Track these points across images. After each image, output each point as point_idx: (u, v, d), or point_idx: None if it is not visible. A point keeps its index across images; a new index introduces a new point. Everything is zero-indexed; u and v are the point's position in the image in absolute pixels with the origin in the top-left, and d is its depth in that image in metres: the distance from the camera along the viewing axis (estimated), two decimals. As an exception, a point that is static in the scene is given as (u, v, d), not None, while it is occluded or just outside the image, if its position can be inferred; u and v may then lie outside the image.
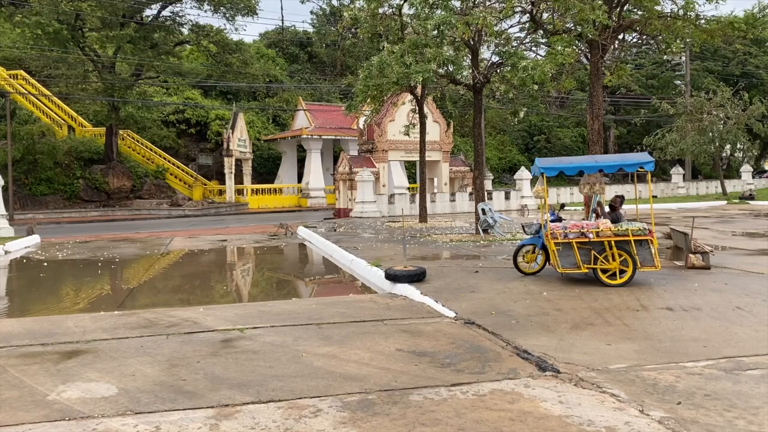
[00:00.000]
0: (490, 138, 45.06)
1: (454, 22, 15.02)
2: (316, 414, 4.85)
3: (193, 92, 43.13)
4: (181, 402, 5.15)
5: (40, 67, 36.92)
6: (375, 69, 17.01)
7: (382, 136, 31.21)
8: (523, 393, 5.30)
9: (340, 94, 47.32)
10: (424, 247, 15.77)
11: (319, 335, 7.41)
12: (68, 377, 5.83)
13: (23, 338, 7.37)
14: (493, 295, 9.44)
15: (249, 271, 16.29)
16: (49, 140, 33.96)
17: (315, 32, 55.69)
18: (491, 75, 17.56)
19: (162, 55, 36.23)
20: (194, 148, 42.86)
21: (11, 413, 4.93)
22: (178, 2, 36.33)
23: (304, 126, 40.00)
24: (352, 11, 20.67)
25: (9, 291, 13.67)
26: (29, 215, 29.57)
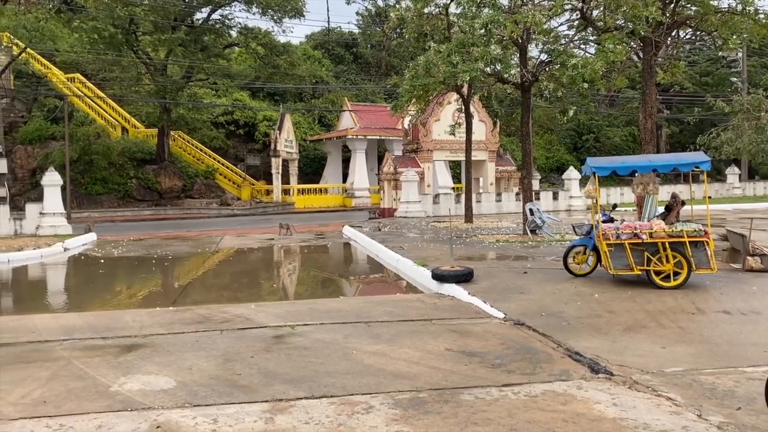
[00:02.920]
0: (538, 137, 44.46)
1: (502, 21, 14.89)
2: (368, 411, 4.91)
3: (242, 94, 43.87)
4: (236, 396, 5.27)
5: (95, 70, 38.18)
6: (421, 69, 17.01)
7: (427, 136, 31.17)
8: (575, 395, 5.24)
9: (385, 95, 47.44)
10: (470, 248, 15.70)
11: (369, 333, 7.47)
12: (128, 370, 6.04)
13: (85, 332, 7.67)
14: (542, 296, 9.35)
15: (296, 269, 16.53)
16: (104, 141, 35.08)
17: (360, 33, 55.96)
18: (540, 73, 17.34)
19: (211, 58, 36.98)
20: (242, 149, 43.60)
21: (77, 403, 5.14)
22: (228, 5, 37.02)
23: (349, 126, 40.25)
24: (399, 11, 20.73)
25: (69, 286, 14.22)
26: (85, 214, 30.62)
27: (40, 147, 33.63)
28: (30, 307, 11.43)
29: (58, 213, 23.66)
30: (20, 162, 32.93)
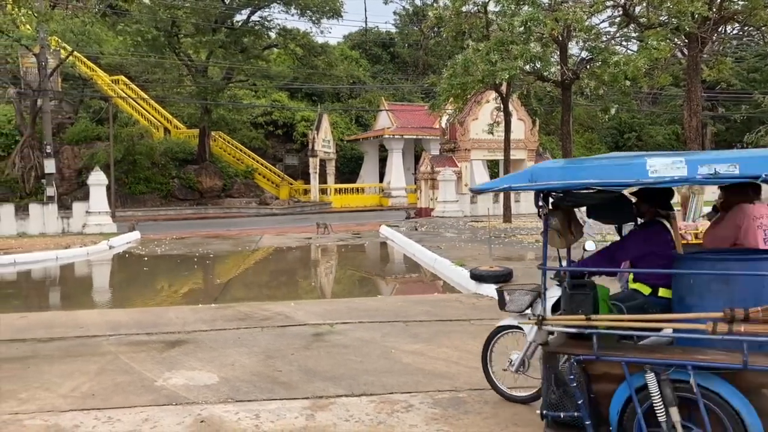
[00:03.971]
0: (578, 136, 43.80)
1: (542, 18, 14.75)
2: (407, 409, 4.92)
3: (280, 94, 44.33)
4: (278, 392, 5.35)
5: (139, 72, 39.04)
6: (459, 67, 16.96)
7: (464, 135, 31.01)
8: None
9: (422, 94, 47.35)
10: (509, 248, 15.56)
11: (407, 332, 7.48)
12: (173, 365, 6.18)
13: (131, 327, 7.86)
14: (583, 297, 9.21)
15: (334, 268, 16.64)
16: (146, 142, 35.86)
17: (398, 32, 55.98)
18: (580, 71, 17.10)
19: (251, 59, 37.45)
20: (281, 149, 44.05)
21: (124, 396, 5.28)
22: (267, 7, 37.44)
23: (386, 126, 40.31)
24: (437, 10, 20.71)
25: (114, 283, 14.60)
26: (129, 212, 31.37)
27: (86, 147, 34.56)
28: (78, 303, 11.78)
29: (104, 212, 24.30)
30: (67, 162, 33.90)
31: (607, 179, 3.63)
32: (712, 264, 3.82)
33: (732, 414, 3.43)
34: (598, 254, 4.53)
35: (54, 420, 4.76)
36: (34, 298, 12.71)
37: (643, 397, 3.60)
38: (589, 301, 3.92)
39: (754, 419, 3.38)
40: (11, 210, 23.57)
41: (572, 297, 3.97)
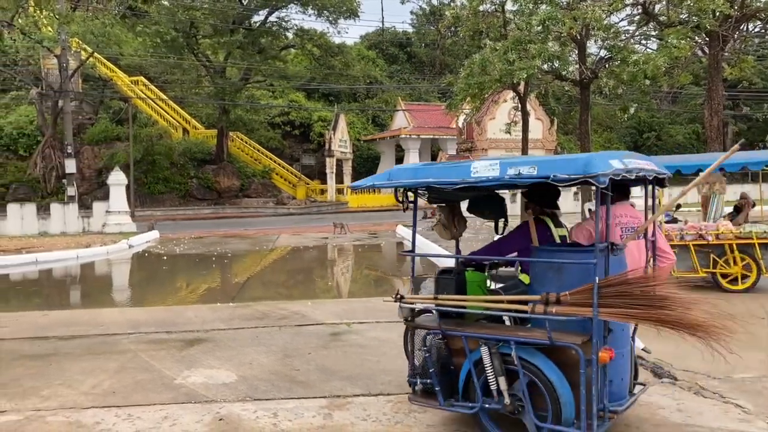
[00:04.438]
0: (596, 135, 43.43)
1: (561, 17, 14.66)
2: (425, 410, 4.91)
3: (297, 95, 44.50)
4: (295, 391, 5.37)
5: (158, 73, 39.42)
6: (477, 67, 16.90)
7: (481, 135, 30.92)
8: (638, 399, 5.10)
9: (439, 94, 47.27)
10: (526, 248, 15.48)
11: (424, 333, 7.46)
12: (192, 363, 6.23)
13: (150, 326, 7.94)
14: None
15: (350, 268, 16.67)
16: (165, 142, 36.20)
17: (414, 32, 55.94)
18: (599, 70, 16.96)
19: (268, 60, 37.64)
20: (298, 149, 44.22)
21: (144, 394, 5.34)
22: (284, 8, 37.60)
23: (402, 126, 40.30)
24: (454, 10, 20.67)
25: (134, 282, 14.75)
26: (148, 212, 31.66)
27: (106, 147, 34.95)
28: (98, 301, 11.93)
29: (123, 211, 24.57)
30: (87, 162, 34.30)
31: (442, 179, 4.24)
32: (550, 255, 4.27)
33: (547, 383, 3.90)
34: (489, 246, 5.05)
35: (75, 417, 4.83)
36: (56, 297, 12.89)
37: (480, 370, 4.13)
38: (452, 285, 4.46)
39: (565, 389, 3.88)
40: (33, 209, 23.92)
41: (438, 281, 4.58)
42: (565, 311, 3.87)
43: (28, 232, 22.95)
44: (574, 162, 3.89)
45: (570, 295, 3.91)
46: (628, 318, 3.90)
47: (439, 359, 4.42)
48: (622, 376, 4.27)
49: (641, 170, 4.16)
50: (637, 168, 4.11)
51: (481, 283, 4.67)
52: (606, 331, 3.98)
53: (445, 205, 5.04)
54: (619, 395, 4.21)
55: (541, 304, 3.95)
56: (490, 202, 5.14)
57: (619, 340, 4.17)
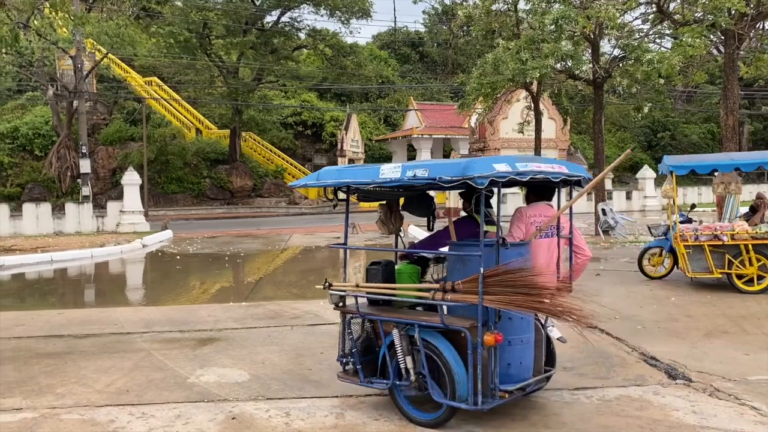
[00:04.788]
0: (610, 135, 43.15)
1: (574, 16, 14.55)
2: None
3: (310, 95, 44.60)
4: (308, 390, 5.38)
5: (171, 74, 39.70)
6: (489, 66, 16.83)
7: (494, 135, 30.80)
8: (652, 400, 5.07)
9: (451, 93, 47.18)
10: (539, 248, 15.42)
11: (436, 333, 7.45)
12: (205, 362, 6.26)
13: (164, 325, 8.00)
14: (616, 299, 9.07)
15: (361, 268, 16.66)
16: (179, 142, 36.43)
17: (427, 32, 55.88)
18: (613, 69, 16.85)
19: (281, 60, 37.76)
20: (310, 149, 44.32)
21: (158, 393, 5.37)
22: (297, 8, 37.70)
23: (414, 126, 40.27)
24: (466, 9, 20.58)
25: (147, 281, 14.85)
26: (162, 212, 31.87)
27: (120, 148, 35.24)
28: (112, 300, 12.02)
29: (137, 211, 24.73)
30: (102, 162, 34.60)
31: (358, 179, 4.80)
32: (459, 248, 4.68)
33: (445, 363, 4.40)
34: (428, 239, 5.54)
35: (90, 415, 4.87)
36: (71, 295, 13.00)
37: (392, 351, 4.65)
38: (379, 275, 4.98)
39: (459, 368, 4.36)
40: (48, 209, 24.13)
41: (367, 271, 5.13)
42: (457, 298, 4.37)
43: (44, 231, 23.17)
44: (456, 166, 4.36)
45: (462, 284, 4.38)
46: (509, 305, 4.26)
47: (362, 341, 4.94)
48: (521, 360, 4.63)
49: (540, 173, 4.56)
50: (534, 171, 4.50)
51: (412, 274, 5.00)
52: (497, 317, 4.40)
53: (384, 204, 5.54)
54: (518, 377, 4.58)
55: (440, 291, 4.45)
56: (420, 202, 5.60)
57: (519, 327, 4.56)
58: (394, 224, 5.55)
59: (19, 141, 33.35)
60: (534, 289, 4.26)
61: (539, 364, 4.85)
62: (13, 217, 23.34)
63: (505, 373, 4.52)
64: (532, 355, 4.74)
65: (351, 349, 4.93)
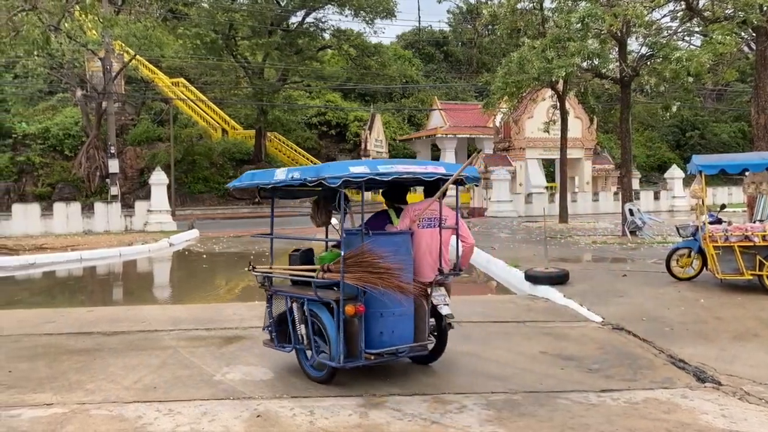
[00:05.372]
0: (637, 134, 42.55)
1: (600, 14, 14.38)
2: (461, 410, 4.89)
3: (334, 95, 44.75)
4: (332, 389, 5.40)
5: (198, 75, 40.12)
6: (514, 65, 16.73)
7: (519, 134, 30.59)
8: (680, 404, 5.00)
9: (476, 92, 46.96)
10: (565, 249, 15.28)
11: (459, 333, 7.40)
12: (230, 360, 6.32)
13: (190, 323, 8.09)
14: (643, 300, 8.95)
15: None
16: (205, 142, 36.84)
17: (451, 31, 55.71)
18: (640, 67, 16.61)
19: (306, 60, 37.95)
20: (334, 149, 44.46)
21: (184, 390, 5.44)
22: (321, 8, 37.86)
23: (438, 125, 40.16)
24: (491, 8, 20.50)
25: (174, 280, 15.05)
26: (188, 211, 32.24)
27: (148, 148, 35.74)
28: (140, 298, 12.21)
29: (164, 210, 25.06)
30: (130, 162, 35.12)
31: (263, 180, 6.01)
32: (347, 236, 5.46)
33: (324, 329, 5.37)
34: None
35: (118, 411, 4.95)
36: (100, 293, 13.24)
37: (293, 320, 5.74)
38: (297, 260, 6.04)
39: (333, 333, 5.27)
40: (78, 208, 24.58)
41: (290, 257, 6.22)
42: (328, 277, 5.35)
43: (73, 230, 23.61)
44: (315, 169, 5.42)
45: (334, 265, 5.31)
46: (360, 282, 5.15)
47: (278, 313, 6.06)
48: (393, 330, 5.46)
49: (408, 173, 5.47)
50: (400, 172, 5.38)
51: (331, 260, 5.56)
52: (363, 292, 5.20)
53: (313, 201, 6.42)
54: (390, 344, 5.43)
55: (321, 272, 5.44)
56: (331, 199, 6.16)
57: (391, 302, 5.31)
58: (320, 218, 6.27)
59: (49, 141, 34.01)
60: (380, 269, 5.17)
61: (420, 335, 5.66)
62: (44, 216, 23.82)
63: (379, 340, 5.39)
64: (407, 327, 5.55)
65: (270, 320, 6.14)
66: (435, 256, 5.81)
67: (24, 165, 33.13)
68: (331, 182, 5.16)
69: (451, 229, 6.03)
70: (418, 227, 5.82)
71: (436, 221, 5.86)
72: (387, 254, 5.30)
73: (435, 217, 5.87)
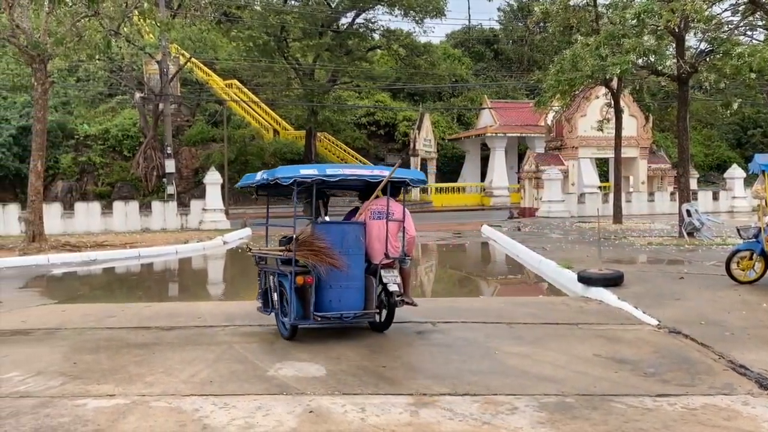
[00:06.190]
0: (695, 132, 41.20)
1: (657, 10, 14.01)
2: (512, 411, 4.86)
3: (383, 95, 44.89)
4: (382, 387, 5.44)
5: (250, 77, 40.90)
6: (567, 63, 16.46)
7: (571, 132, 30.03)
8: (740, 411, 4.84)
9: (527, 91, 46.36)
10: (619, 250, 14.94)
11: (511, 334, 7.37)
12: (283, 356, 6.44)
13: (243, 319, 8.28)
14: (701, 303, 8.68)
15: (434, 267, 16.67)
16: (257, 143, 37.57)
17: (501, 29, 55.13)
18: (699, 64, 16.09)
19: (355, 61, 38.21)
20: (383, 149, 44.61)
21: (239, 384, 5.57)
22: (371, 9, 38.05)
23: (488, 124, 39.83)
24: (543, 5, 20.20)
25: (228, 277, 15.40)
26: (241, 210, 32.92)
27: (202, 148, 36.67)
28: (196, 294, 12.55)
29: (218, 209, 25.66)
30: (185, 162, 36.10)
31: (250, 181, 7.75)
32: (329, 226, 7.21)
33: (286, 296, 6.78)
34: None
35: (176, 403, 5.11)
36: (157, 289, 13.66)
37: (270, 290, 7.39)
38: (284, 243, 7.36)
39: (291, 298, 6.68)
40: (136, 207, 25.40)
41: (279, 241, 7.73)
42: (287, 255, 6.77)
43: (132, 228, 24.41)
44: (272, 171, 7.00)
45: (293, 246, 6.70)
46: (303, 258, 6.62)
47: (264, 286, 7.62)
48: (340, 299, 6.83)
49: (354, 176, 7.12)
50: (346, 175, 6.98)
51: None
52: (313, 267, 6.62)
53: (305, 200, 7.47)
54: (337, 310, 6.81)
55: (285, 251, 6.92)
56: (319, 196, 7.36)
57: (340, 277, 6.75)
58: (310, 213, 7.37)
59: (109, 142, 35.27)
60: (317, 248, 6.64)
61: (369, 305, 6.95)
62: (104, 214, 24.71)
63: (328, 306, 6.78)
64: (352, 297, 6.88)
65: (260, 291, 7.74)
66: (383, 242, 7.09)
67: (85, 165, 34.47)
68: (283, 181, 6.69)
69: (398, 221, 7.22)
70: (370, 219, 7.17)
71: (383, 214, 7.16)
72: (330, 239, 6.75)
73: (383, 211, 7.16)
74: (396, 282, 6.95)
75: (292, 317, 6.68)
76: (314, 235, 6.74)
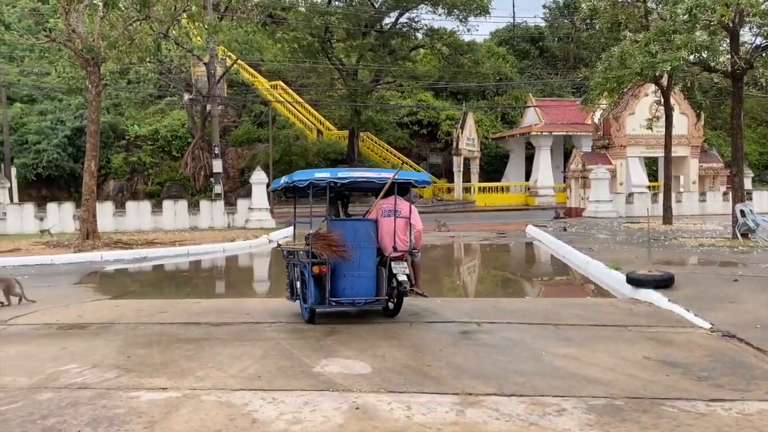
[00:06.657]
0: (750, 131, 39.85)
1: (710, 5, 13.60)
2: (560, 413, 4.80)
3: (426, 94, 44.82)
4: (428, 386, 5.45)
5: (294, 78, 41.43)
6: (615, 60, 16.13)
7: (620, 131, 29.41)
8: (800, 418, 4.67)
9: (573, 89, 45.62)
10: (669, 251, 14.57)
11: (557, 336, 7.28)
12: (329, 353, 6.51)
13: (289, 316, 8.40)
14: (757, 306, 8.40)
15: (477, 267, 16.57)
16: (301, 143, 38.01)
17: (547, 26, 54.39)
18: (754, 60, 15.56)
19: (398, 61, 38.27)
20: (425, 148, 44.55)
21: (286, 380, 5.66)
22: (414, 8, 38.04)
23: (533, 123, 39.35)
24: (591, 2, 19.84)
25: (273, 275, 15.63)
26: (285, 209, 33.29)
27: (248, 149, 37.31)
28: (242, 291, 12.79)
29: (264, 208, 26.07)
30: (232, 162, 36.79)
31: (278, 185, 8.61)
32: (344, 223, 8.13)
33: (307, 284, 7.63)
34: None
35: (226, 397, 5.22)
36: (205, 286, 13.97)
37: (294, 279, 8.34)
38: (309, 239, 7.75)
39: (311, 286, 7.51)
40: (184, 206, 26.02)
41: (305, 237, 8.00)
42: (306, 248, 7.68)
43: (180, 226, 25.01)
44: (291, 175, 7.90)
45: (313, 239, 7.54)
46: (318, 250, 7.41)
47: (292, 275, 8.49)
48: (352, 287, 7.65)
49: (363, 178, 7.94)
50: (355, 177, 7.83)
51: None
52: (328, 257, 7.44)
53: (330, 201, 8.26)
54: (350, 296, 7.69)
55: (306, 245, 7.74)
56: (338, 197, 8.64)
57: (352, 267, 7.59)
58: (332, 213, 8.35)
59: (158, 143, 36.21)
60: (329, 242, 7.45)
61: (379, 292, 7.74)
62: (154, 213, 25.40)
63: (342, 293, 7.61)
64: (364, 285, 7.68)
65: (288, 281, 8.65)
66: (392, 237, 7.79)
67: (136, 165, 35.48)
68: (299, 184, 7.64)
69: (405, 218, 7.89)
70: (381, 216, 7.92)
71: (391, 211, 7.86)
72: (343, 234, 7.54)
73: (392, 209, 7.87)
74: (404, 272, 7.59)
75: (310, 302, 7.52)
76: (328, 231, 7.63)
